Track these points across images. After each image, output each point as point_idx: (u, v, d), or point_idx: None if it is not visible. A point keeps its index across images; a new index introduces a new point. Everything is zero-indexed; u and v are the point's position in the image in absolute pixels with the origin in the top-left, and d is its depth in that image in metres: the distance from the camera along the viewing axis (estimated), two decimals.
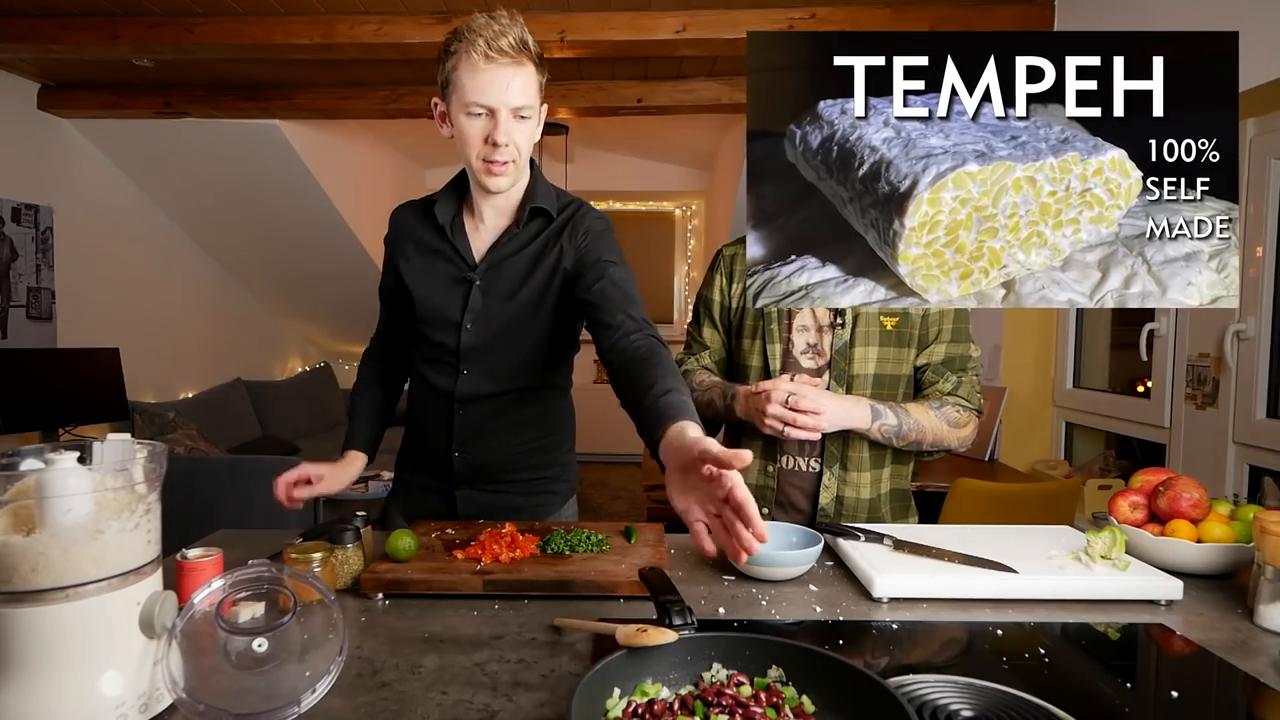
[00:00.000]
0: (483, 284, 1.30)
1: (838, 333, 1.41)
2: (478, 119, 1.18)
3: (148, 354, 4.43)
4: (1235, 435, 2.17)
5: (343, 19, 2.92)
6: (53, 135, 3.89)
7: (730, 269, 1.53)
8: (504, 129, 1.17)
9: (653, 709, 0.69)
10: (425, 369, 1.36)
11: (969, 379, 1.44)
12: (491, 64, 1.14)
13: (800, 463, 1.45)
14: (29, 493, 0.70)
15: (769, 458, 1.46)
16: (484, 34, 1.13)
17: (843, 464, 1.42)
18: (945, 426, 1.39)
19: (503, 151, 1.18)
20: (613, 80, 3.76)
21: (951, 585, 1.07)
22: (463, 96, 1.16)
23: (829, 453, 1.42)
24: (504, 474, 1.40)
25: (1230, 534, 1.15)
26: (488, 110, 1.17)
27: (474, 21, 1.15)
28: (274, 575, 0.79)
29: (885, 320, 1.40)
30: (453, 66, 1.17)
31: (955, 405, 1.41)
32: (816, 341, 1.43)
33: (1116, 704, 0.80)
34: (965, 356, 1.44)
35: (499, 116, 1.17)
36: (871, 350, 1.40)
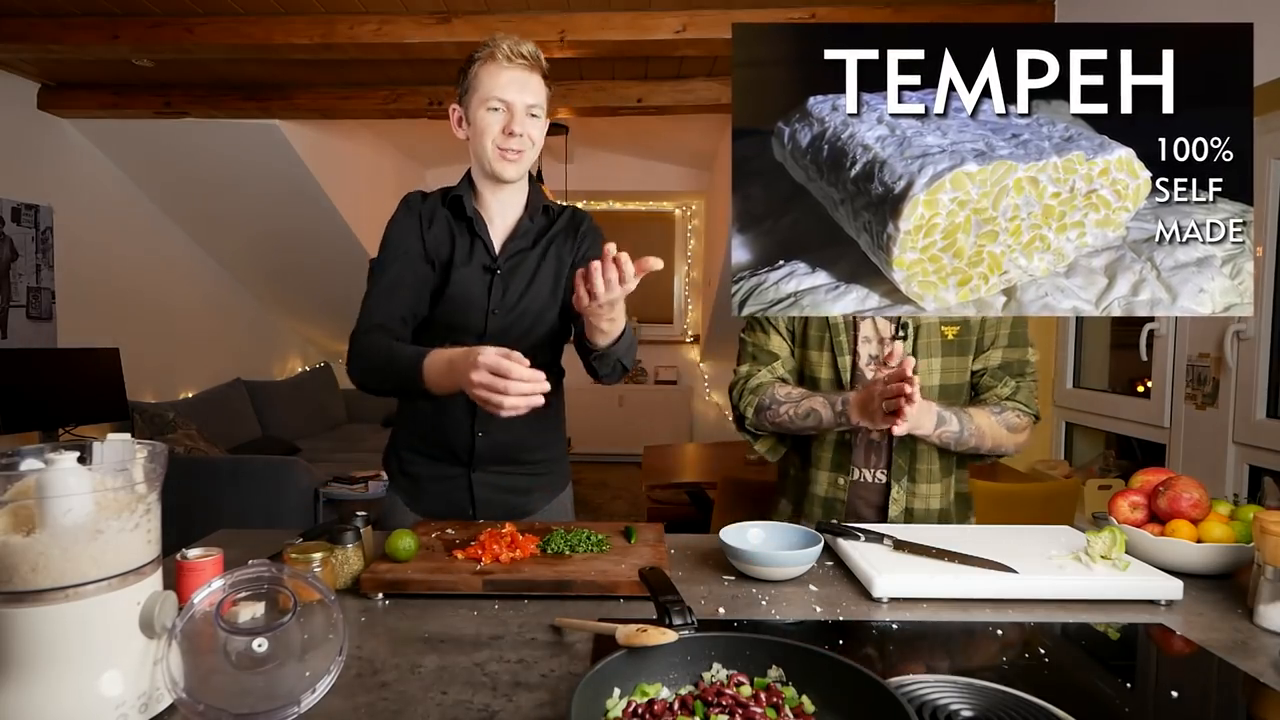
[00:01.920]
0: (504, 274, 1.41)
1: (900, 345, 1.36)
2: (496, 113, 1.32)
3: (148, 354, 4.43)
4: (1235, 435, 2.17)
5: (343, 19, 2.92)
6: (53, 135, 3.89)
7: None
8: (519, 121, 1.32)
9: (653, 709, 0.69)
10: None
11: (1027, 384, 1.41)
12: (511, 66, 1.31)
13: (867, 474, 1.43)
14: (29, 493, 0.70)
15: (840, 469, 1.44)
16: (505, 43, 1.31)
17: (911, 476, 1.40)
18: (1004, 431, 1.36)
19: (517, 141, 1.33)
20: (613, 80, 3.76)
21: (951, 585, 1.07)
22: (484, 93, 1.32)
23: (897, 465, 1.40)
24: (518, 454, 1.45)
25: (1230, 534, 1.15)
26: (505, 105, 1.32)
27: (494, 36, 1.33)
28: (274, 575, 0.79)
29: (946, 330, 1.38)
30: (474, 72, 1.33)
31: (1015, 410, 1.38)
32: (879, 353, 1.40)
33: (1116, 704, 0.80)
34: (1024, 361, 1.42)
35: (515, 111, 1.32)
36: (935, 361, 1.39)
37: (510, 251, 1.41)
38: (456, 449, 1.42)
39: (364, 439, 5.20)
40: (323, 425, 5.50)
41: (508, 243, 1.41)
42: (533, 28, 2.92)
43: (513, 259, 1.41)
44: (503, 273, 1.40)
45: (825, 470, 1.45)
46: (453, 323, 1.39)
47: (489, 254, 1.40)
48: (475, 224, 1.39)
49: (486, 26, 2.92)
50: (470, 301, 1.39)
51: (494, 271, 1.40)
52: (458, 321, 1.39)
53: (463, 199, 1.39)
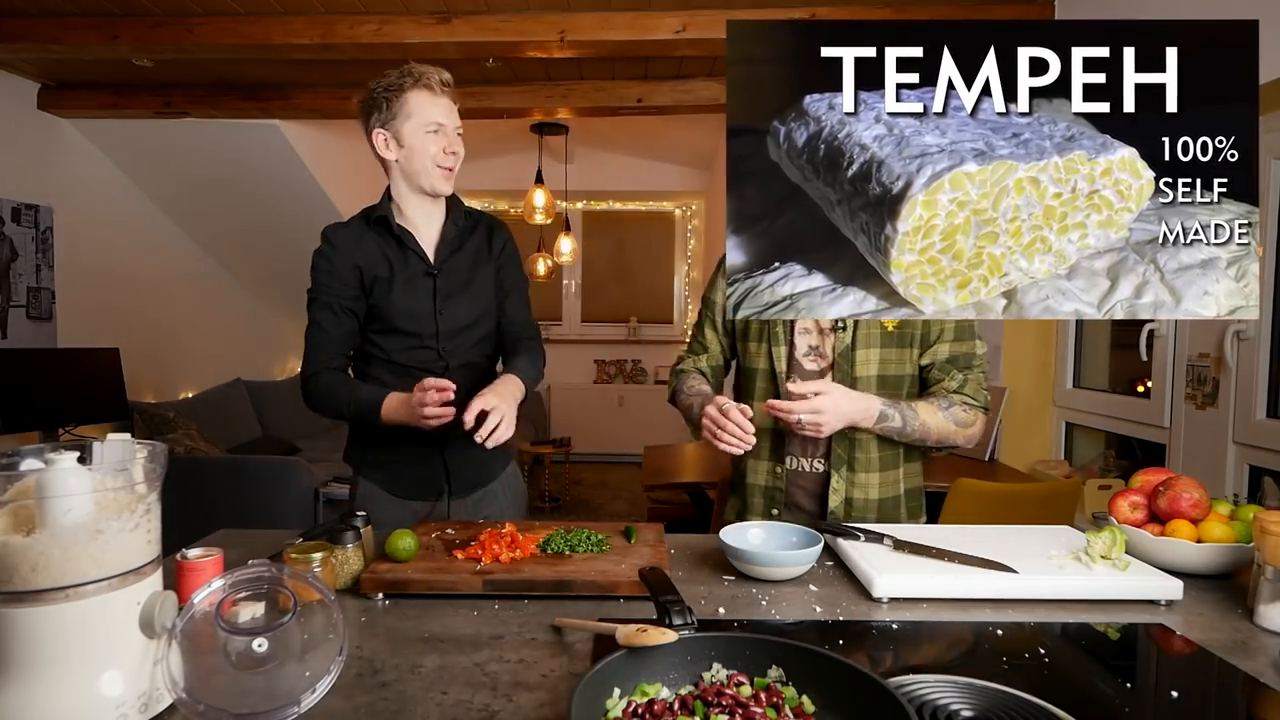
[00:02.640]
0: (442, 277, 1.55)
1: (839, 335, 1.40)
2: (434, 135, 1.48)
3: (148, 354, 4.43)
4: (1235, 435, 2.17)
5: (343, 19, 2.91)
6: (53, 135, 3.89)
7: None
8: (454, 141, 1.50)
9: (653, 709, 0.69)
10: (403, 356, 1.55)
11: (975, 376, 1.43)
12: (444, 93, 1.49)
13: (804, 464, 1.45)
14: (29, 493, 0.70)
15: (776, 458, 1.46)
16: (432, 73, 1.47)
17: (850, 465, 1.41)
18: (951, 426, 1.38)
19: (453, 159, 1.50)
20: (613, 80, 3.76)
21: (951, 585, 1.07)
22: (423, 118, 1.47)
23: (836, 455, 1.41)
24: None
25: (1230, 534, 1.15)
26: (441, 128, 1.48)
27: (411, 68, 1.48)
28: (274, 575, 0.79)
29: (886, 322, 1.39)
30: (405, 99, 1.47)
31: (962, 403, 1.40)
32: (819, 344, 1.42)
33: (1116, 704, 0.80)
34: (970, 354, 1.43)
35: (448, 133, 1.49)
36: (874, 352, 1.40)
37: (443, 255, 1.56)
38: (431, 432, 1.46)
39: None
40: (323, 425, 5.49)
41: (439, 248, 1.56)
42: (533, 28, 2.92)
43: (447, 262, 1.56)
44: (441, 275, 1.55)
45: (764, 460, 1.48)
46: (406, 329, 1.53)
47: (424, 261, 1.55)
48: (404, 238, 1.53)
49: (486, 26, 2.92)
50: (418, 307, 1.53)
51: (433, 276, 1.55)
52: (410, 327, 1.53)
53: (387, 218, 1.53)
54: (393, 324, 1.52)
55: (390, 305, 1.51)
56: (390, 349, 1.55)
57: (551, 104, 3.82)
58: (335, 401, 1.49)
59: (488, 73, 3.50)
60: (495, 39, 2.94)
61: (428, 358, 1.54)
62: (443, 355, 1.55)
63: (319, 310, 1.51)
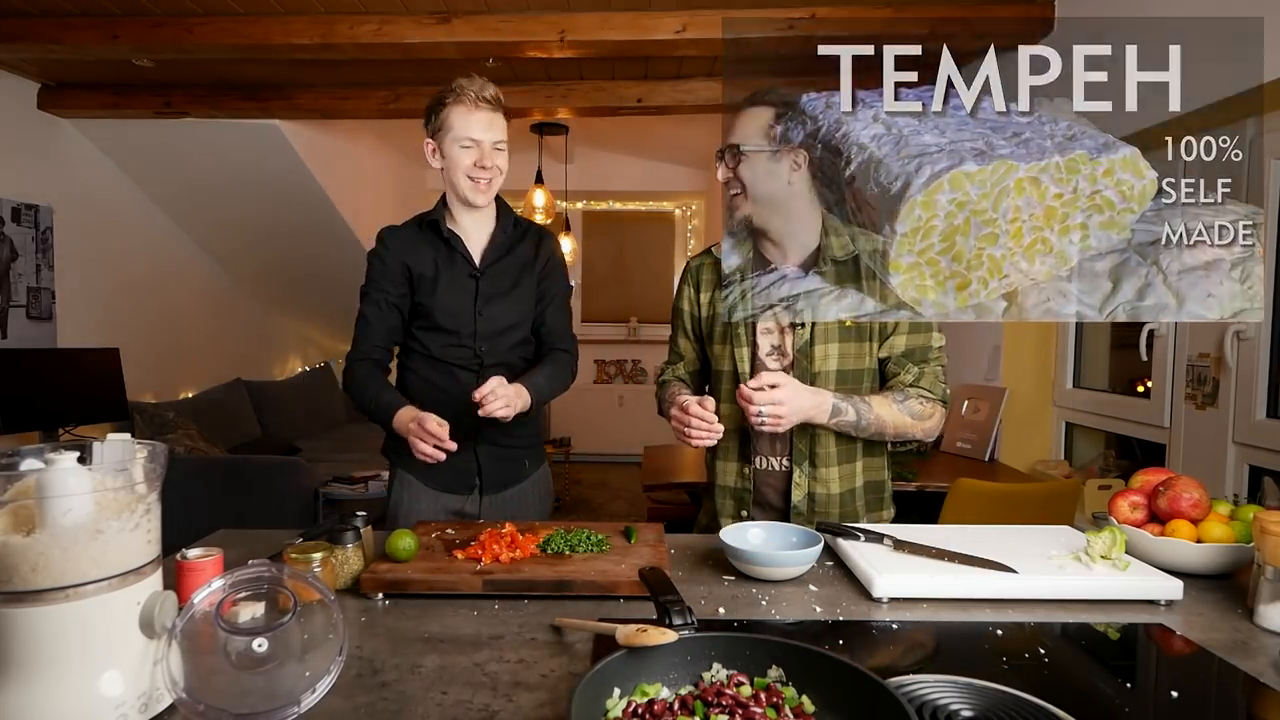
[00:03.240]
0: (485, 280, 1.63)
1: (798, 333, 1.41)
2: (468, 150, 1.54)
3: (148, 354, 4.43)
4: (1235, 435, 2.17)
5: (343, 19, 2.91)
6: (53, 135, 3.88)
7: (697, 279, 1.58)
8: (488, 156, 1.55)
9: (653, 709, 0.69)
10: (442, 352, 1.63)
11: (931, 369, 1.43)
12: (479, 109, 1.53)
13: (773, 462, 1.47)
14: (29, 493, 0.70)
15: (744, 459, 1.49)
16: (471, 89, 1.52)
17: (811, 460, 1.43)
18: (908, 419, 1.39)
19: (486, 173, 1.56)
20: (613, 80, 3.76)
21: (951, 585, 1.06)
22: (457, 133, 1.53)
23: (797, 450, 1.43)
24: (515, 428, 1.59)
25: (1230, 534, 1.15)
26: (475, 143, 1.54)
27: (460, 81, 1.54)
28: (274, 575, 0.79)
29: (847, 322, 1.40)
30: (446, 114, 1.54)
31: (918, 397, 1.40)
32: (780, 343, 1.45)
33: (1116, 704, 0.80)
34: (926, 347, 1.43)
35: (484, 148, 1.54)
36: (832, 347, 1.41)
37: (489, 260, 1.64)
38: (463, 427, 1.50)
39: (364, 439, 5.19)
40: (323, 425, 5.49)
41: (486, 253, 1.64)
42: (533, 28, 2.92)
43: (492, 266, 1.64)
44: (484, 279, 1.62)
45: (732, 461, 1.51)
46: (446, 326, 1.61)
47: (469, 264, 1.62)
48: (453, 242, 1.61)
49: (486, 26, 2.92)
50: (459, 306, 1.61)
51: (477, 278, 1.62)
52: (450, 324, 1.61)
53: (438, 222, 1.61)
54: (435, 321, 1.60)
55: (434, 303, 1.59)
56: (431, 344, 1.62)
57: (551, 104, 3.82)
58: (363, 395, 1.58)
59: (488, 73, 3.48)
60: (495, 39, 2.94)
61: (464, 355, 1.62)
62: (479, 354, 1.61)
63: (368, 304, 1.62)
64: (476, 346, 1.61)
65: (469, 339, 1.61)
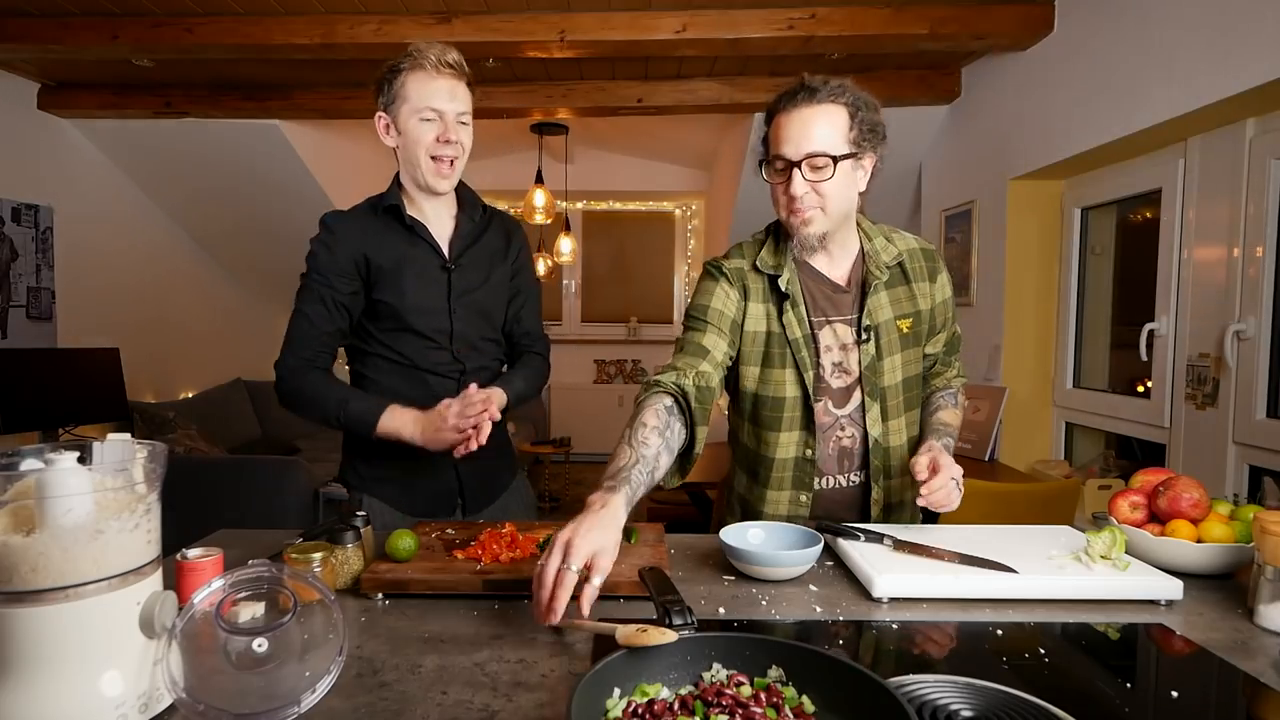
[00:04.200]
0: (458, 273, 1.46)
1: (863, 349, 1.34)
2: (429, 123, 1.35)
3: (148, 354, 4.43)
4: (1235, 435, 2.17)
5: (343, 19, 2.91)
6: (53, 135, 3.89)
7: (744, 285, 1.36)
8: (452, 129, 1.36)
9: (653, 709, 0.69)
10: (415, 358, 1.45)
11: (958, 359, 1.53)
12: (441, 76, 1.35)
13: (841, 480, 1.40)
14: (29, 493, 0.70)
15: (802, 486, 1.38)
16: (431, 53, 1.34)
17: (887, 474, 1.39)
18: (961, 415, 1.47)
19: (451, 148, 1.37)
20: (613, 80, 3.76)
21: (951, 585, 1.06)
22: (416, 103, 1.34)
23: (874, 466, 1.38)
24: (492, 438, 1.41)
25: (1230, 534, 1.15)
26: (438, 114, 1.35)
27: (417, 45, 1.35)
28: (274, 575, 0.79)
29: (901, 324, 1.37)
30: (402, 82, 1.35)
31: (960, 387, 1.51)
32: (842, 359, 1.36)
33: (1116, 704, 0.80)
34: (957, 336, 1.50)
35: (447, 120, 1.36)
36: (896, 358, 1.37)
37: (458, 249, 1.47)
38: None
39: None
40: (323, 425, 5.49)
41: (454, 241, 1.47)
42: (533, 28, 2.92)
43: (463, 257, 1.47)
44: (456, 271, 1.46)
45: (787, 489, 1.39)
46: (419, 327, 1.43)
47: (439, 255, 1.45)
48: (418, 230, 1.43)
49: (486, 26, 2.92)
50: (431, 304, 1.44)
51: (449, 271, 1.45)
52: (423, 326, 1.43)
53: (399, 208, 1.42)
54: (405, 322, 1.42)
55: (402, 301, 1.41)
56: (401, 349, 1.44)
57: (551, 104, 3.82)
58: (322, 405, 1.37)
59: (488, 73, 3.50)
60: (495, 39, 2.94)
61: (441, 360, 1.45)
62: (458, 357, 1.46)
63: (309, 301, 1.39)
64: (454, 348, 1.45)
65: (444, 339, 1.44)
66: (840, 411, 1.37)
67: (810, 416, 1.36)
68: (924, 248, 1.42)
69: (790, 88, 1.28)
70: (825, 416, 1.37)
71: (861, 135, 1.26)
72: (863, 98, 1.28)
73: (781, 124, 1.27)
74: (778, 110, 1.28)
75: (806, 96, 1.25)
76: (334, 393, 1.39)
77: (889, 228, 1.43)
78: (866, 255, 1.37)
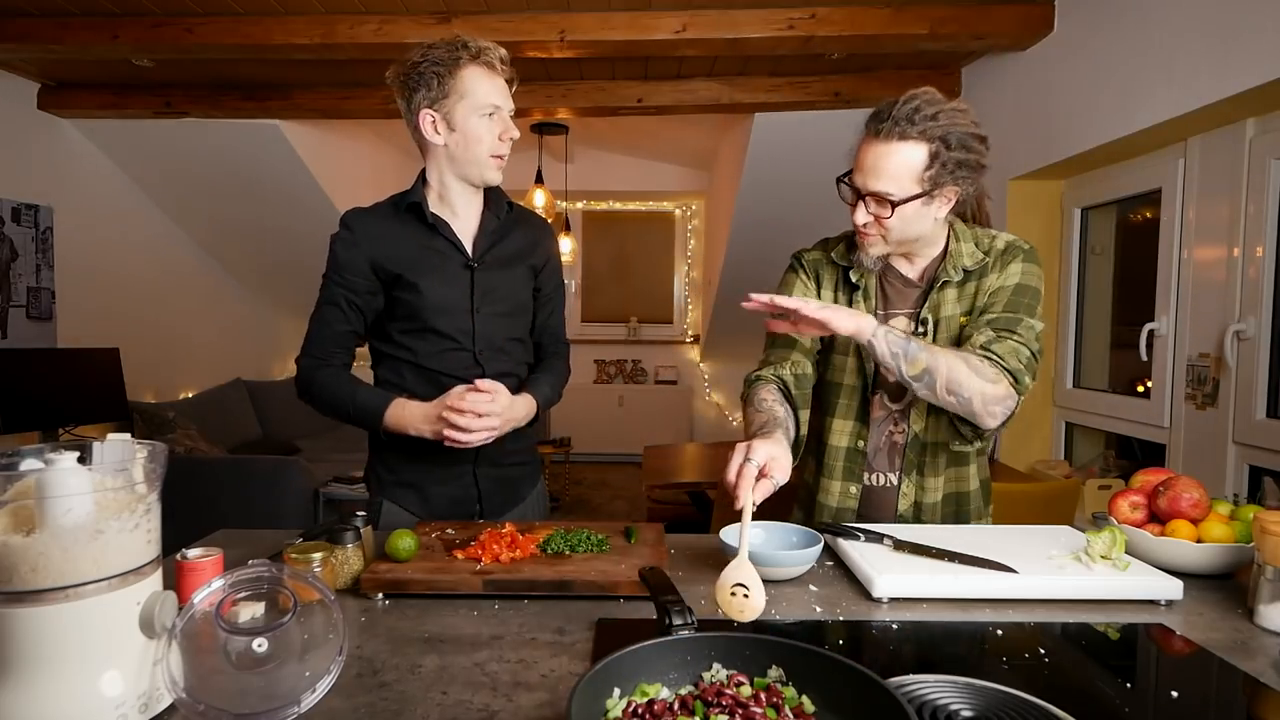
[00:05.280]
0: (480, 272, 1.43)
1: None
2: (491, 119, 1.35)
3: (148, 354, 4.43)
4: (1235, 435, 2.17)
5: (343, 19, 2.91)
6: (53, 135, 3.89)
7: (817, 273, 1.41)
8: (511, 126, 1.37)
9: (653, 709, 0.69)
10: (435, 361, 1.42)
11: (1012, 342, 1.23)
12: (501, 74, 1.36)
13: (882, 478, 1.39)
14: (29, 493, 0.70)
15: (852, 478, 1.39)
16: (491, 50, 1.34)
17: (919, 469, 1.37)
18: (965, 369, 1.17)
19: (508, 145, 1.38)
20: (613, 80, 3.76)
21: (951, 585, 1.06)
22: (479, 99, 1.33)
23: (907, 460, 1.37)
24: (512, 443, 1.47)
25: (1230, 534, 1.15)
26: (498, 111, 1.36)
27: (466, 41, 1.33)
28: (274, 575, 0.79)
29: (964, 320, 1.33)
30: (461, 76, 1.33)
31: (984, 357, 1.21)
32: None
33: (1116, 704, 0.80)
34: (1016, 319, 1.25)
35: (504, 117, 1.37)
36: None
37: (483, 248, 1.43)
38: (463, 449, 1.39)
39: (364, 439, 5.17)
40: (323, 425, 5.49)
41: (478, 240, 1.44)
42: (533, 28, 2.92)
43: (487, 255, 1.44)
44: (479, 270, 1.42)
45: (838, 480, 1.41)
46: (440, 328, 1.40)
47: (461, 253, 1.42)
48: (440, 228, 1.40)
49: (486, 26, 2.92)
50: (453, 303, 1.40)
51: (472, 269, 1.42)
52: (445, 326, 1.40)
53: (420, 205, 1.39)
54: (425, 322, 1.39)
55: (421, 301, 1.37)
56: (419, 350, 1.41)
57: (551, 104, 3.82)
58: (334, 398, 1.38)
59: None
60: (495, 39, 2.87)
61: (462, 362, 1.41)
62: (479, 360, 1.42)
63: (325, 301, 1.40)
64: (476, 350, 1.42)
65: (466, 341, 1.41)
66: (895, 406, 1.38)
67: (866, 408, 1.37)
68: (1012, 243, 1.33)
69: (882, 107, 1.22)
70: (879, 410, 1.38)
71: (942, 174, 1.20)
72: (955, 133, 1.19)
73: (862, 148, 1.24)
74: (867, 128, 1.25)
75: (889, 127, 1.19)
76: (345, 387, 1.38)
77: (986, 231, 1.37)
78: (949, 255, 1.33)
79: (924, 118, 1.18)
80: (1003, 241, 1.36)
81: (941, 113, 1.20)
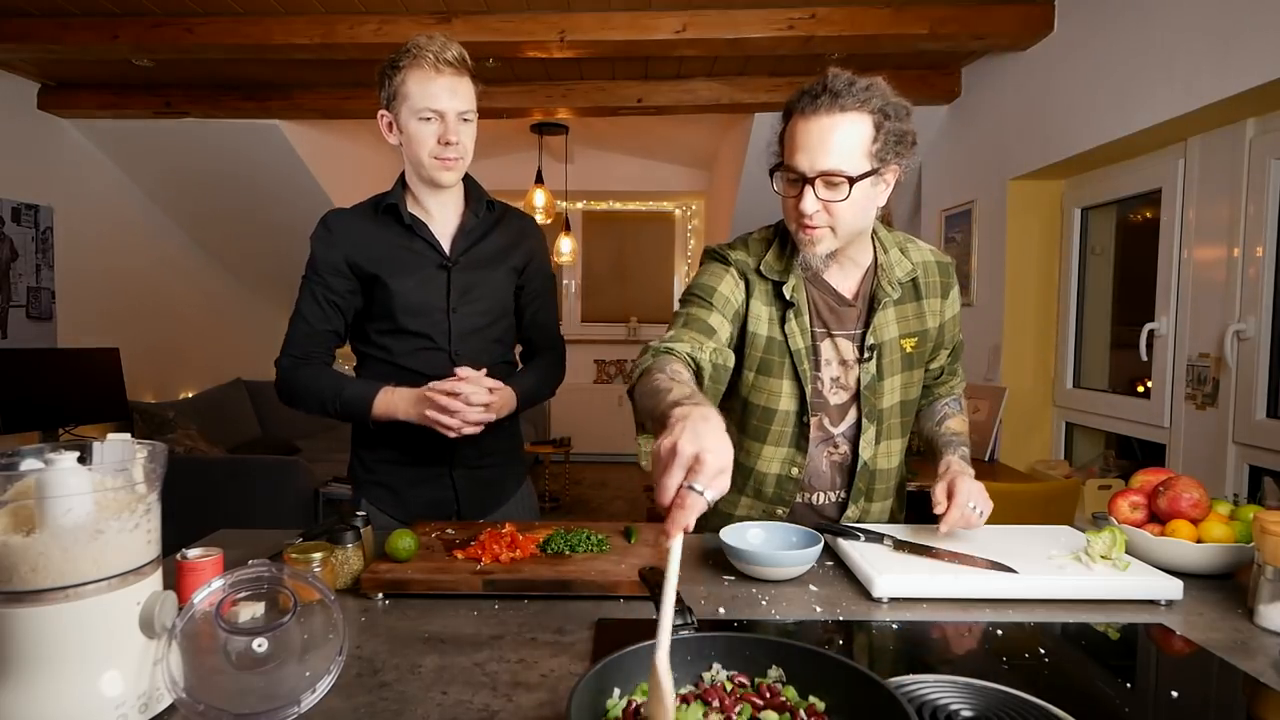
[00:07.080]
0: (457, 271, 1.42)
1: (864, 367, 1.29)
2: (428, 123, 1.32)
3: (148, 354, 4.43)
4: (1235, 435, 2.17)
5: (343, 19, 2.91)
6: (53, 135, 3.89)
7: (747, 283, 1.29)
8: (453, 129, 1.32)
9: None
10: (411, 360, 1.42)
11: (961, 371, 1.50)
12: (441, 74, 1.30)
13: (829, 496, 1.37)
14: (29, 493, 0.70)
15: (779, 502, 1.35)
16: (430, 49, 1.29)
17: (868, 496, 1.37)
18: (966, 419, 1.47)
19: (453, 149, 1.34)
20: (613, 80, 3.76)
21: (951, 585, 1.06)
22: (415, 103, 1.31)
23: (856, 488, 1.35)
24: (492, 444, 1.46)
25: (1230, 534, 1.15)
26: (438, 114, 1.32)
27: (418, 40, 1.31)
28: (274, 575, 0.79)
29: (905, 344, 1.32)
30: (402, 80, 1.32)
31: (961, 393, 1.50)
32: (840, 375, 1.31)
33: (1116, 704, 0.80)
34: (960, 344, 1.46)
35: (448, 120, 1.32)
36: (896, 379, 1.33)
37: (462, 247, 1.42)
38: (437, 451, 1.42)
39: None
40: (323, 425, 5.49)
41: (457, 239, 1.43)
42: (533, 28, 2.92)
43: (464, 255, 1.42)
44: (456, 269, 1.42)
45: (762, 502, 1.36)
46: (413, 328, 1.40)
47: (438, 253, 1.41)
48: (417, 228, 1.40)
49: (486, 26, 2.92)
50: (429, 304, 1.40)
51: (448, 269, 1.41)
52: (418, 326, 1.40)
53: (397, 207, 1.39)
54: (399, 322, 1.39)
55: (396, 301, 1.38)
56: (397, 351, 1.42)
57: (551, 104, 3.82)
58: (318, 394, 1.37)
59: (488, 73, 3.50)
60: (495, 39, 2.94)
61: (438, 361, 1.41)
62: (455, 359, 1.40)
63: (305, 300, 1.41)
64: (451, 350, 1.42)
65: (442, 340, 1.41)
66: (835, 429, 1.34)
67: (803, 433, 1.31)
68: (940, 261, 1.36)
69: (811, 85, 1.14)
70: (818, 431, 1.33)
71: (886, 148, 1.14)
72: (893, 103, 1.15)
73: (798, 129, 1.15)
74: (795, 110, 1.16)
75: (829, 101, 1.12)
76: (329, 381, 1.39)
77: (905, 237, 1.37)
78: (880, 269, 1.30)
79: (860, 89, 1.13)
80: (927, 254, 1.36)
81: (873, 85, 1.14)
